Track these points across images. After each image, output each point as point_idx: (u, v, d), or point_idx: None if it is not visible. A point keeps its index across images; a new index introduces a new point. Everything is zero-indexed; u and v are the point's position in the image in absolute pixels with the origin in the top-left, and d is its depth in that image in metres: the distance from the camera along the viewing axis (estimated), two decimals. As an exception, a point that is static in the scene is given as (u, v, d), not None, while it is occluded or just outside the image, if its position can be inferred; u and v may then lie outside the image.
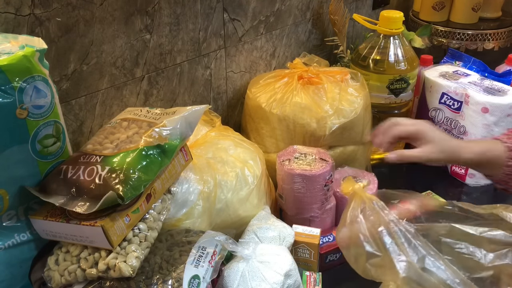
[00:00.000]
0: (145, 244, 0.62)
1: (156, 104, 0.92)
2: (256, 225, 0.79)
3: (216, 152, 0.83)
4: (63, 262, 0.61)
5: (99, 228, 0.57)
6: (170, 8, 0.87)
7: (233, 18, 1.02)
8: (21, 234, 0.63)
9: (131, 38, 0.82)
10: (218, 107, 1.08)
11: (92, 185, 0.59)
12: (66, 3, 0.71)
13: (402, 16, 1.09)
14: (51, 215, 0.61)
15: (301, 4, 1.20)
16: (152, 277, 0.60)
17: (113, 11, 0.78)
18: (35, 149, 0.60)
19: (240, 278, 0.68)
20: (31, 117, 0.57)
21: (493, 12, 1.47)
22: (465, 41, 1.41)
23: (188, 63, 0.95)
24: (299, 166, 0.84)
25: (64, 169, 0.62)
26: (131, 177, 0.60)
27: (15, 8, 0.65)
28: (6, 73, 0.53)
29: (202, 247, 0.66)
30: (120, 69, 0.83)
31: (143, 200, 0.63)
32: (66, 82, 0.75)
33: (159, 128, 0.66)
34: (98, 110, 0.82)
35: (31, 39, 0.60)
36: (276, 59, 1.20)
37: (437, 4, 1.43)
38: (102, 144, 0.66)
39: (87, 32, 0.75)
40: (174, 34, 0.90)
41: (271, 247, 0.73)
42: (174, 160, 0.69)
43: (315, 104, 0.95)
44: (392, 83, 1.09)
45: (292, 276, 0.69)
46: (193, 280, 0.61)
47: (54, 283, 0.61)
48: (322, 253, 0.84)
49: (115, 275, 0.58)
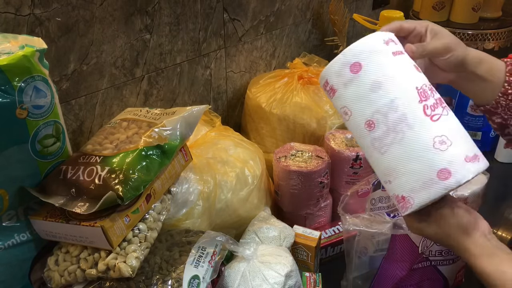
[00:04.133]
0: (145, 244, 0.62)
1: (156, 104, 0.92)
2: (257, 225, 0.79)
3: (216, 152, 0.83)
4: (63, 263, 0.61)
5: (98, 229, 0.57)
6: (170, 8, 0.87)
7: (233, 18, 1.01)
8: (21, 234, 0.62)
9: (131, 38, 0.82)
10: (218, 107, 1.08)
11: (91, 185, 0.59)
12: (66, 3, 0.71)
13: (402, 16, 1.09)
14: (50, 215, 0.61)
15: (301, 4, 1.20)
16: (152, 277, 0.60)
17: (113, 11, 0.78)
18: (35, 149, 0.60)
19: (240, 278, 0.68)
20: (31, 117, 0.57)
21: (493, 12, 1.47)
22: (465, 41, 1.40)
23: (188, 63, 0.95)
24: (295, 163, 0.84)
25: (64, 169, 0.62)
26: (131, 177, 0.60)
27: (15, 8, 0.65)
28: (6, 73, 0.53)
29: (202, 247, 0.66)
30: (120, 69, 0.83)
31: (143, 201, 0.63)
32: (66, 82, 0.75)
33: (159, 128, 0.66)
34: (98, 110, 0.82)
35: (31, 39, 0.59)
36: (276, 59, 1.20)
37: (437, 4, 1.43)
38: (102, 145, 0.66)
39: (87, 32, 0.75)
40: (174, 34, 0.90)
41: (272, 248, 0.73)
42: (174, 160, 0.69)
43: (315, 104, 0.95)
44: (392, 83, 1.08)
45: (292, 277, 0.69)
46: (193, 280, 0.61)
47: (54, 283, 0.61)
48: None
49: (115, 275, 0.58)
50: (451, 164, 0.53)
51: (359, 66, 0.57)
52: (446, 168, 0.53)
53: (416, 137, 0.54)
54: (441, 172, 0.53)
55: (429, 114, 0.55)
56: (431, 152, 0.54)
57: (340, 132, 0.94)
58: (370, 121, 0.57)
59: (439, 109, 0.56)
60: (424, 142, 0.54)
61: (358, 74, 0.57)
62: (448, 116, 0.56)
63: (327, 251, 0.86)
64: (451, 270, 0.78)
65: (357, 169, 0.89)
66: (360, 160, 0.88)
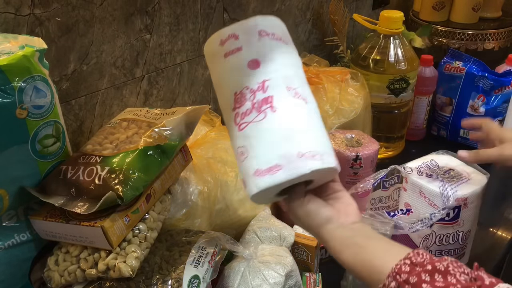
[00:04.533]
0: (145, 244, 0.62)
1: (156, 104, 0.92)
2: (257, 225, 0.79)
3: (216, 152, 0.83)
4: (63, 263, 0.61)
5: (98, 229, 0.57)
6: (170, 8, 0.87)
7: (233, 18, 1.01)
8: (21, 234, 0.62)
9: (131, 38, 0.82)
10: (218, 107, 1.08)
11: (91, 185, 0.59)
12: (66, 3, 0.71)
13: (402, 16, 1.08)
14: (50, 215, 0.61)
15: (301, 4, 1.20)
16: (152, 277, 0.60)
17: (113, 11, 0.78)
18: (35, 149, 0.60)
19: (240, 278, 0.68)
20: (31, 117, 0.57)
21: (493, 12, 1.47)
22: (465, 41, 1.41)
23: (188, 63, 0.95)
24: None
25: (64, 169, 0.62)
26: (131, 177, 0.60)
27: (15, 8, 0.65)
28: (6, 73, 0.53)
29: (201, 247, 0.66)
30: (120, 69, 0.83)
31: (143, 201, 0.63)
32: (66, 82, 0.75)
33: (159, 128, 0.66)
34: (98, 110, 0.82)
35: (31, 39, 0.59)
36: (276, 59, 1.20)
37: (437, 4, 1.43)
38: (102, 145, 0.66)
39: (87, 32, 0.75)
40: (174, 34, 0.90)
41: (272, 248, 0.73)
42: (174, 160, 0.69)
43: (315, 104, 0.95)
44: (392, 83, 1.09)
45: (293, 277, 0.69)
46: (193, 280, 0.61)
47: (54, 283, 0.61)
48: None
49: (114, 275, 0.58)
50: (245, 176, 0.52)
51: (210, 70, 0.58)
52: (243, 180, 0.53)
53: (233, 144, 0.55)
54: (243, 181, 0.53)
55: (238, 122, 0.53)
56: (237, 160, 0.54)
57: (340, 132, 0.94)
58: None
59: (251, 115, 0.52)
60: (234, 149, 0.54)
61: (211, 76, 0.59)
62: (261, 122, 0.51)
63: (327, 251, 0.86)
64: (451, 270, 0.78)
65: (357, 169, 0.89)
66: (360, 160, 0.88)
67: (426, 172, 0.78)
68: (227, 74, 0.55)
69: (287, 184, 0.51)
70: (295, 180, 0.50)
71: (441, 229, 0.76)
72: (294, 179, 0.50)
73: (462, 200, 0.73)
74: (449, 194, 0.73)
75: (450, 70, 1.18)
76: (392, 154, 1.17)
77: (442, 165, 0.80)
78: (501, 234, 0.93)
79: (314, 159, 0.50)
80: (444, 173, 0.78)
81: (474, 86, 1.15)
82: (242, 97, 0.53)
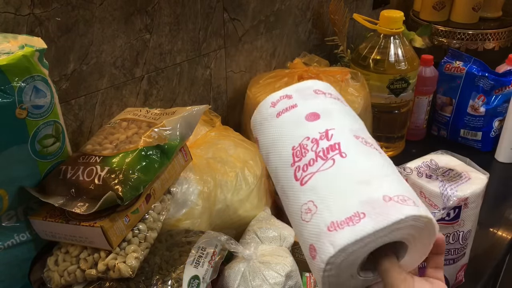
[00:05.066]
0: (145, 244, 0.62)
1: (156, 104, 0.92)
2: (257, 225, 0.78)
3: (216, 152, 0.83)
4: (63, 263, 0.61)
5: (98, 229, 0.57)
6: (170, 8, 0.87)
7: (233, 17, 1.01)
8: (21, 234, 0.62)
9: (131, 38, 0.82)
10: (218, 107, 1.08)
11: (91, 185, 0.59)
12: (66, 3, 0.71)
13: (402, 15, 1.08)
14: (50, 215, 0.61)
15: (301, 4, 1.20)
16: (152, 277, 0.60)
17: (113, 10, 0.78)
18: (34, 149, 0.59)
19: (240, 278, 0.68)
20: (31, 117, 0.57)
21: (493, 12, 1.47)
22: (466, 41, 1.41)
23: (188, 63, 0.95)
24: None
25: (64, 169, 0.62)
26: (131, 177, 0.59)
27: (14, 8, 0.65)
28: (5, 73, 0.53)
29: (201, 247, 0.66)
30: (120, 69, 0.83)
31: (143, 201, 0.63)
32: (65, 82, 0.75)
33: (159, 128, 0.66)
34: (98, 110, 0.82)
35: (31, 39, 0.59)
36: (276, 59, 1.20)
37: (438, 3, 1.43)
38: (102, 145, 0.66)
39: (86, 32, 0.75)
40: (174, 34, 0.90)
41: (272, 248, 0.73)
42: (174, 160, 0.69)
43: (315, 104, 0.95)
44: (392, 83, 1.09)
45: (293, 278, 0.69)
46: (192, 280, 0.61)
47: (53, 283, 0.61)
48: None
49: (114, 275, 0.58)
50: (315, 238, 0.41)
51: (257, 141, 0.52)
52: (312, 245, 0.41)
53: (292, 209, 0.44)
54: (310, 248, 0.41)
55: (299, 177, 0.44)
56: (300, 226, 0.42)
57: (340, 132, 0.94)
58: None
59: (316, 165, 0.43)
60: (296, 214, 0.43)
61: (259, 147, 0.52)
62: (330, 169, 0.43)
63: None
64: (451, 270, 0.78)
65: (357, 169, 0.88)
66: (360, 160, 0.87)
67: (426, 172, 0.77)
68: (281, 130, 0.48)
69: (373, 245, 0.39)
70: (384, 236, 0.39)
71: (441, 229, 0.76)
72: (384, 229, 0.38)
73: (462, 200, 0.73)
74: (449, 194, 0.73)
75: (450, 70, 1.18)
76: (393, 154, 1.17)
77: (442, 165, 0.80)
78: (501, 234, 0.93)
79: (406, 204, 0.39)
80: (444, 173, 0.78)
81: (474, 86, 1.15)
82: (302, 148, 0.45)
